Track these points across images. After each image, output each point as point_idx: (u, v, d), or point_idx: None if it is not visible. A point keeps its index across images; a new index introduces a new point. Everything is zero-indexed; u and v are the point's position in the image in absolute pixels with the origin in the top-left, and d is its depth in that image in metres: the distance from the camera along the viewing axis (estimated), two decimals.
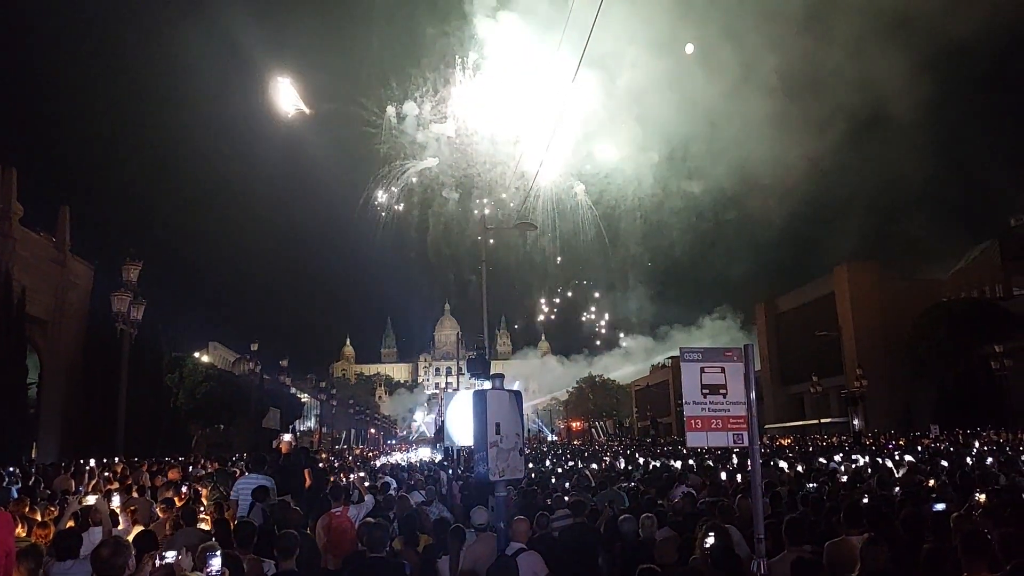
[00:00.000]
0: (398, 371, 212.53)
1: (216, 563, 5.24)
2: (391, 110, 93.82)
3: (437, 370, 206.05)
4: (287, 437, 15.06)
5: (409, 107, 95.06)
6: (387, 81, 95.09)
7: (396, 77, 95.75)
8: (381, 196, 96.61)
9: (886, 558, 6.31)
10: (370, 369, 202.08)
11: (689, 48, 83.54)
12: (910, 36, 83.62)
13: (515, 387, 8.75)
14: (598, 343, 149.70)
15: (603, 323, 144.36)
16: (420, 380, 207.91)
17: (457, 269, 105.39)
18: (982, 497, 9.25)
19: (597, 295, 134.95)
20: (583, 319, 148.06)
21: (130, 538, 6.65)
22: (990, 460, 19.65)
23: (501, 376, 8.36)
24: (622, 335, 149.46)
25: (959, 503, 9.65)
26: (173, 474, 16.64)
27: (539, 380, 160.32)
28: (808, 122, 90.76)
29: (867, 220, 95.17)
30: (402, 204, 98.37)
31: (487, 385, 7.97)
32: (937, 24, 74.07)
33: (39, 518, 10.06)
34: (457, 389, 27.91)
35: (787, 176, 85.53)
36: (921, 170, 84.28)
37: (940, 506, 9.33)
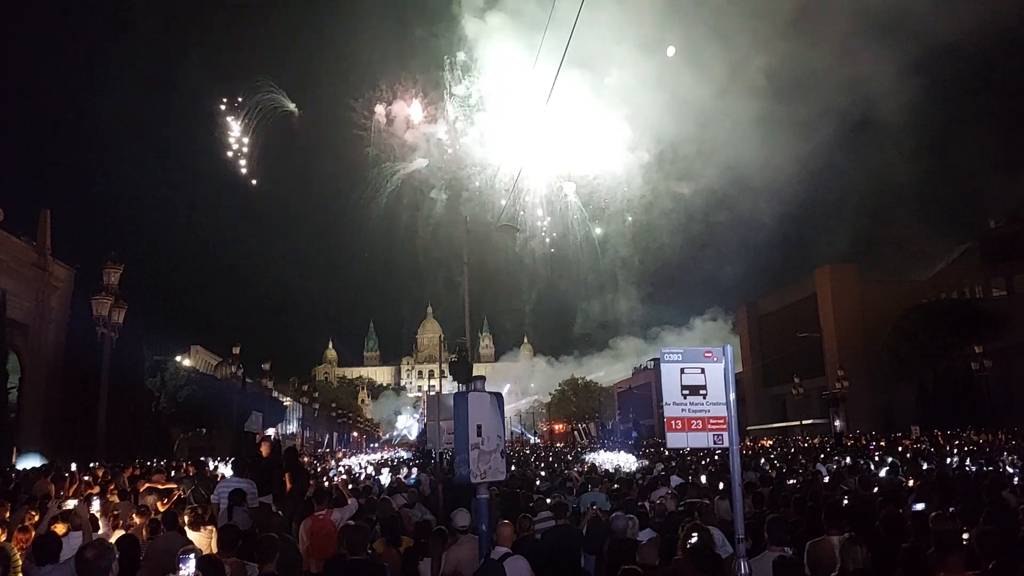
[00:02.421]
0: (381, 374, 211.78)
1: (190, 565, 5.22)
2: (380, 109, 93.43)
3: (420, 373, 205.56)
4: (270, 432, 15.02)
5: (399, 108, 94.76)
6: (376, 83, 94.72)
7: (386, 79, 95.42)
8: (369, 198, 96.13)
9: (866, 557, 6.37)
10: (352, 372, 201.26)
11: (671, 51, 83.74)
12: (898, 38, 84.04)
13: (505, 390, 8.80)
14: (606, 349, 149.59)
15: (593, 325, 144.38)
16: (403, 383, 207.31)
17: (447, 271, 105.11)
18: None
19: (587, 296, 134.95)
20: (573, 321, 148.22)
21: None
22: (968, 461, 19.86)
23: (482, 378, 8.38)
24: (612, 337, 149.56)
25: (938, 503, 9.75)
26: (158, 479, 16.52)
27: (526, 382, 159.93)
28: (797, 123, 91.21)
29: (855, 221, 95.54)
30: (385, 202, 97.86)
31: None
32: (925, 26, 74.50)
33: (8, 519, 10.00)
34: (440, 392, 27.86)
35: (777, 177, 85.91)
36: (908, 172, 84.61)
37: (919, 506, 9.43)
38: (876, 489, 12.68)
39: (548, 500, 12.31)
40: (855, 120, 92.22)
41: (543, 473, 24.59)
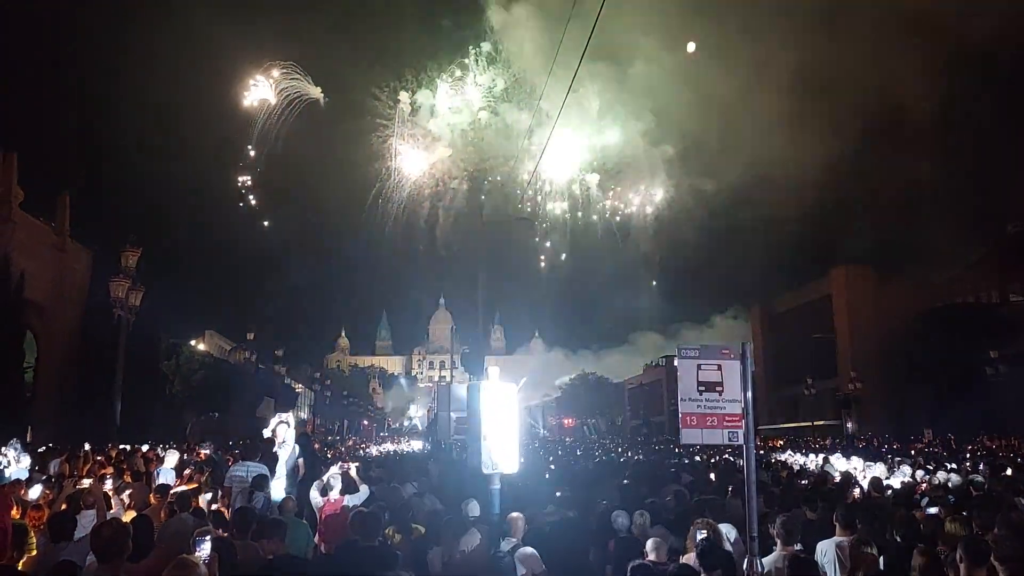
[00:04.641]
0: (392, 364, 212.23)
1: (206, 547, 5.26)
2: (404, 96, 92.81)
3: (431, 364, 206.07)
4: (283, 417, 15.01)
5: (423, 97, 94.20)
6: (401, 73, 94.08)
7: (411, 69, 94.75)
8: (390, 188, 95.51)
9: (876, 560, 6.35)
10: (364, 361, 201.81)
11: (691, 46, 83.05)
12: (927, 39, 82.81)
13: (520, 383, 8.83)
14: (624, 344, 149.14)
15: (613, 319, 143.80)
16: (414, 373, 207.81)
17: (464, 263, 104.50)
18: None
19: (607, 291, 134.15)
20: (592, 315, 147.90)
21: None
22: (982, 466, 19.71)
23: (496, 370, 8.42)
24: (632, 332, 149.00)
25: (952, 507, 9.70)
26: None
27: (541, 376, 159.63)
28: (822, 122, 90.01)
29: (875, 222, 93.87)
30: (407, 192, 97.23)
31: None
32: (955, 27, 73.35)
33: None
34: (450, 383, 27.98)
35: (800, 176, 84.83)
36: (930, 173, 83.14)
37: (933, 510, 9.38)
38: (889, 492, 12.62)
39: (557, 493, 12.31)
40: (879, 120, 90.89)
41: (552, 467, 24.60)
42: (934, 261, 72.23)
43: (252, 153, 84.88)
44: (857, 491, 12.37)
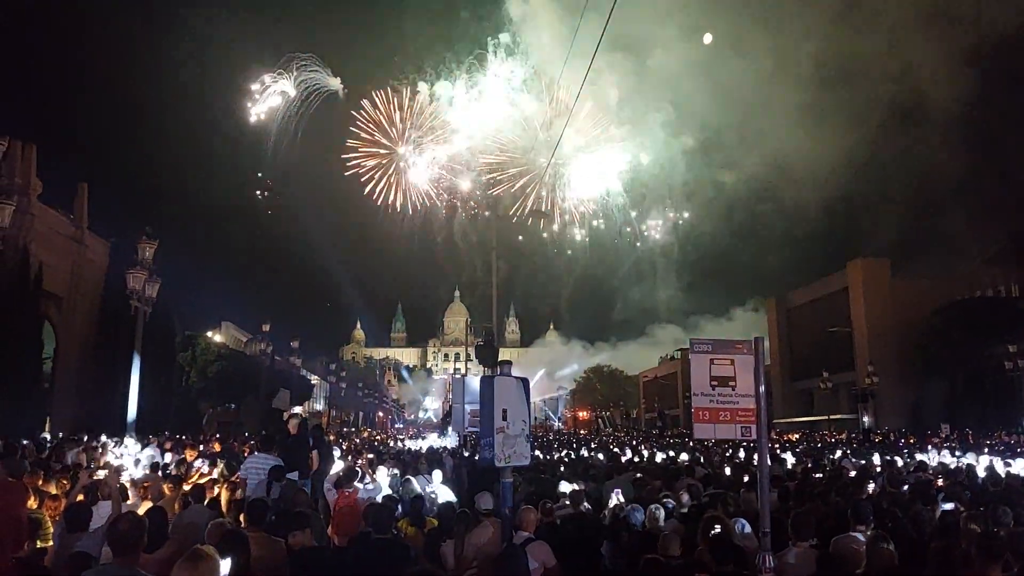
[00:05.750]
0: (407, 356, 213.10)
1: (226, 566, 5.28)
2: (423, 87, 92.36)
3: (446, 356, 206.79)
4: (297, 410, 15.13)
5: (441, 88, 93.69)
6: (419, 63, 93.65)
7: (430, 61, 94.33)
8: (408, 181, 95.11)
9: (892, 555, 6.30)
10: (379, 353, 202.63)
11: (707, 38, 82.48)
12: (951, 28, 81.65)
13: (537, 376, 8.81)
14: (642, 337, 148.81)
15: (632, 312, 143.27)
16: (429, 365, 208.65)
17: (481, 255, 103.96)
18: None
19: (626, 283, 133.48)
20: (611, 307, 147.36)
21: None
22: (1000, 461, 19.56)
23: (509, 363, 8.40)
24: (651, 325, 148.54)
25: (968, 503, 9.63)
26: (190, 453, 16.81)
27: (558, 368, 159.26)
28: (844, 114, 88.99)
29: (894, 215, 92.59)
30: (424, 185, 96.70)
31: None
32: (979, 16, 72.32)
33: (52, 490, 10.20)
34: (464, 375, 27.99)
35: (820, 168, 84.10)
36: (951, 166, 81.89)
37: (948, 505, 9.31)
38: (905, 487, 12.54)
39: (571, 487, 12.30)
40: (905, 111, 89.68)
41: (566, 460, 24.54)
42: (952, 254, 71.64)
43: (270, 145, 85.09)
44: (872, 486, 12.30)
